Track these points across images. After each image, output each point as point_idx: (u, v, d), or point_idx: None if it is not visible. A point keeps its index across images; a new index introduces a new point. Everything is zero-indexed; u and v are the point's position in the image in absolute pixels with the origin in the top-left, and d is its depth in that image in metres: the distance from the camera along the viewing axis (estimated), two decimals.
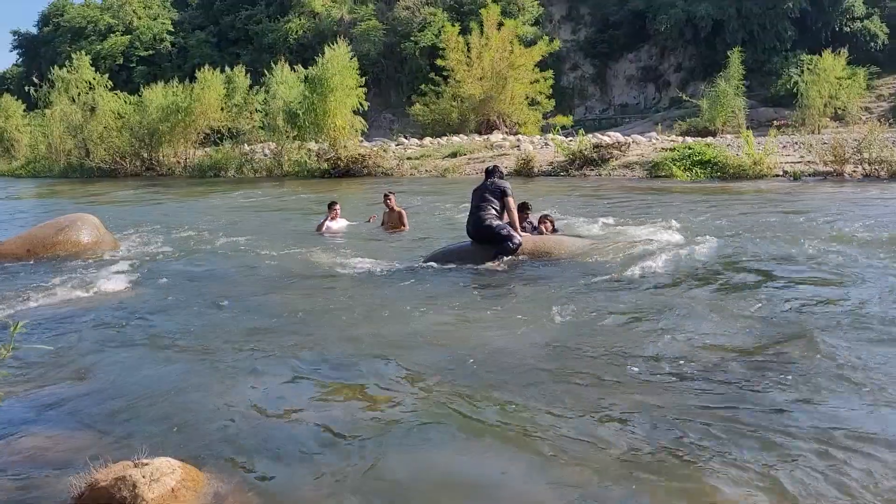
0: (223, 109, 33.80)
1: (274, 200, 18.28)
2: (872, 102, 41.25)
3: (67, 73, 39.20)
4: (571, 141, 23.58)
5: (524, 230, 8.14)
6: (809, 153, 17.99)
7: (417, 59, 49.73)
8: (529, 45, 37.82)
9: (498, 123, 35.03)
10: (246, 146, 32.89)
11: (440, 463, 3.14)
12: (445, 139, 31.51)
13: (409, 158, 26.39)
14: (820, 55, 36.01)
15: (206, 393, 3.99)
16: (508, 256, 7.52)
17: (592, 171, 20.44)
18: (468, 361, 4.37)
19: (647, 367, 4.16)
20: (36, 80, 42.90)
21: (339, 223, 11.21)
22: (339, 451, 3.24)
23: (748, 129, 22.79)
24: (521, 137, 29.98)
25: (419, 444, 3.31)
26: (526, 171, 21.34)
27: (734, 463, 2.99)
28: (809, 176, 16.82)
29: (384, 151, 27.03)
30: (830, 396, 3.65)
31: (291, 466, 3.09)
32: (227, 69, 35.21)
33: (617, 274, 6.69)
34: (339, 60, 27.03)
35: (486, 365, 4.31)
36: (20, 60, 71.95)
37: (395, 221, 10.72)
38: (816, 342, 4.40)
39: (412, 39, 50.85)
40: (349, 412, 3.66)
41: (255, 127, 33.05)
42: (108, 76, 40.87)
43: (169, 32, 61.79)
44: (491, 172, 8.22)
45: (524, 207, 8.85)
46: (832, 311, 5.22)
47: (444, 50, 36.63)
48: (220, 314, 5.95)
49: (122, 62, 59.19)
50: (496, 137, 29.69)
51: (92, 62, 41.81)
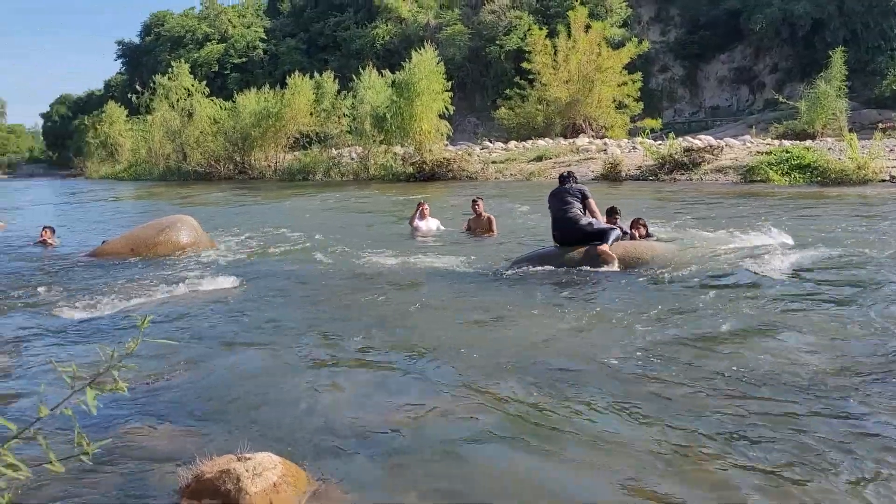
0: (312, 114, 34.69)
1: (360, 203, 18.59)
2: None
3: (168, 80, 41.14)
4: (661, 144, 23.06)
5: None
6: None
7: (502, 62, 49.66)
8: (617, 47, 37.21)
9: (584, 127, 34.63)
10: (333, 150, 33.66)
11: (542, 474, 3.07)
12: (530, 143, 31.38)
13: (493, 162, 26.40)
14: None
15: (304, 391, 4.05)
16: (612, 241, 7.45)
17: (683, 175, 19.93)
18: (560, 368, 4.30)
19: (740, 379, 3.97)
20: (138, 87, 45.23)
21: (429, 223, 11.26)
22: (433, 458, 3.22)
23: (850, 131, 21.69)
24: (607, 141, 29.57)
25: (517, 452, 3.25)
26: (613, 175, 20.99)
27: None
28: None
29: (469, 155, 27.17)
30: None
31: (388, 471, 3.09)
32: (316, 75, 36.07)
33: (711, 282, 6.44)
34: (425, 65, 27.35)
35: (574, 372, 4.22)
36: (123, 69, 76.01)
37: (483, 226, 10.72)
38: None
39: (497, 43, 50.80)
40: (443, 418, 3.63)
41: (342, 131, 33.76)
42: (204, 83, 42.72)
43: (261, 40, 63.95)
44: (566, 178, 8.12)
45: (613, 212, 8.67)
46: None
47: (529, 53, 36.53)
48: (314, 314, 6.05)
49: (217, 69, 61.69)
50: (582, 141, 29.36)
51: (189, 70, 43.70)
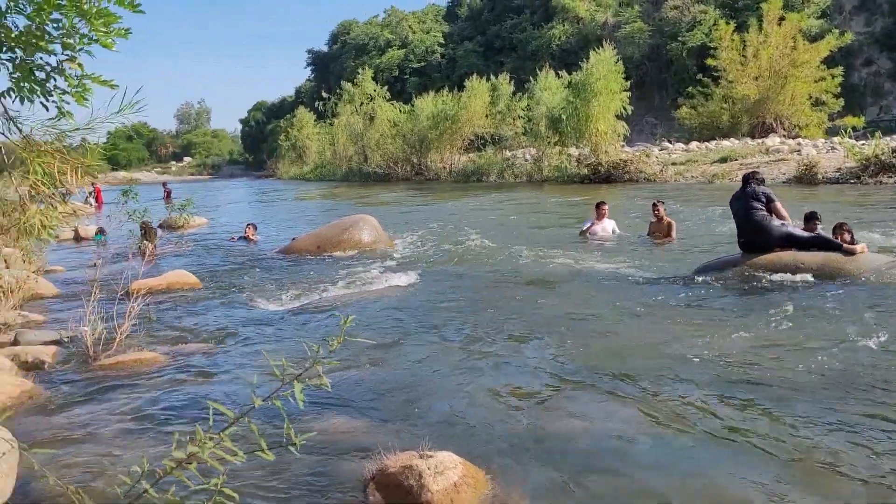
0: (487, 116, 35.18)
1: (533, 204, 18.53)
2: None
3: (353, 85, 43.46)
4: (864, 144, 21.03)
5: None
6: None
7: (684, 59, 47.64)
8: (814, 39, 34.46)
9: (775, 126, 32.45)
10: (507, 152, 33.90)
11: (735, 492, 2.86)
12: (714, 143, 29.91)
13: (673, 164, 25.41)
14: None
15: (483, 393, 4.06)
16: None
17: (891, 178, 18.02)
18: (746, 381, 4.00)
19: None
20: (324, 94, 48.17)
21: (605, 225, 10.99)
22: (615, 472, 3.10)
23: None
24: (801, 141, 27.50)
25: (705, 464, 3.05)
26: (808, 177, 19.39)
27: None
28: None
29: (647, 156, 26.37)
30: None
31: (568, 482, 3.00)
32: (492, 77, 36.49)
33: None
34: (604, 65, 26.80)
35: (768, 387, 3.90)
36: (312, 76, 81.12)
37: (662, 231, 10.32)
38: None
39: (679, 40, 48.78)
40: (624, 426, 3.49)
41: (517, 133, 33.89)
42: (385, 87, 44.66)
43: (439, 44, 65.77)
44: (749, 179, 7.56)
45: (812, 217, 7.99)
46: None
47: (715, 49, 34.88)
48: (491, 314, 6.05)
49: (397, 74, 64.17)
50: (773, 141, 27.53)
51: (372, 75, 45.84)
